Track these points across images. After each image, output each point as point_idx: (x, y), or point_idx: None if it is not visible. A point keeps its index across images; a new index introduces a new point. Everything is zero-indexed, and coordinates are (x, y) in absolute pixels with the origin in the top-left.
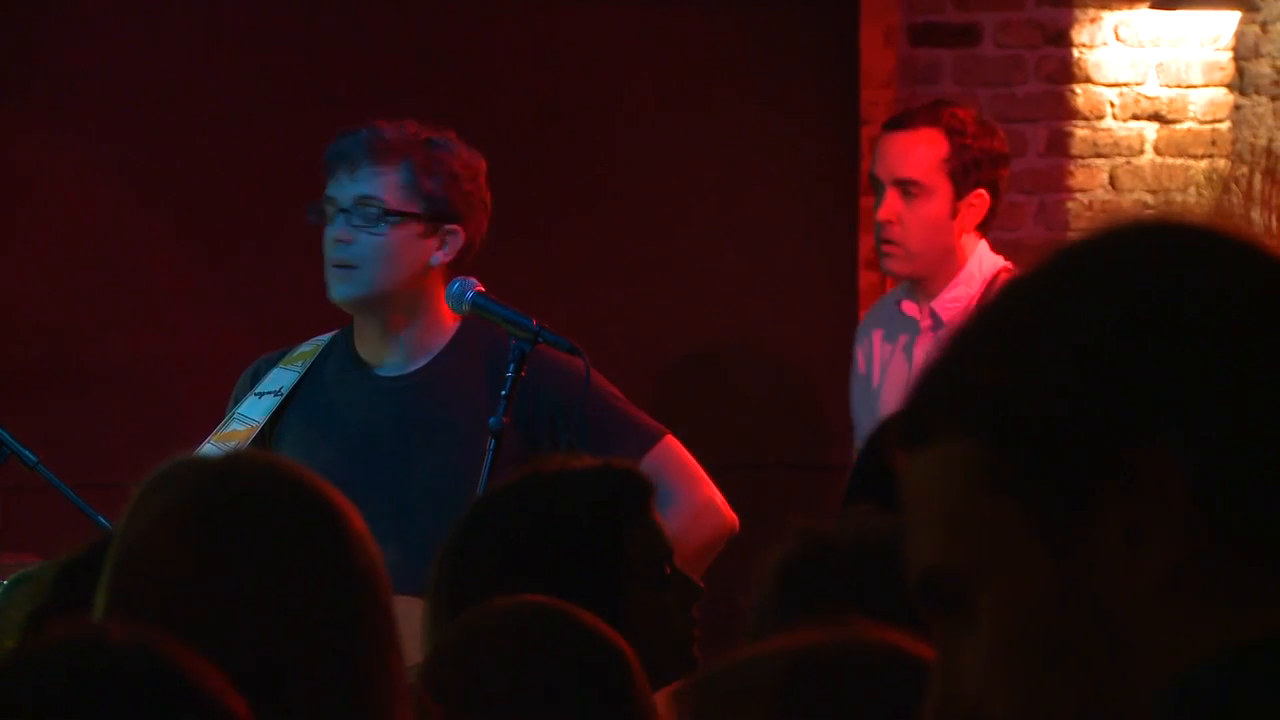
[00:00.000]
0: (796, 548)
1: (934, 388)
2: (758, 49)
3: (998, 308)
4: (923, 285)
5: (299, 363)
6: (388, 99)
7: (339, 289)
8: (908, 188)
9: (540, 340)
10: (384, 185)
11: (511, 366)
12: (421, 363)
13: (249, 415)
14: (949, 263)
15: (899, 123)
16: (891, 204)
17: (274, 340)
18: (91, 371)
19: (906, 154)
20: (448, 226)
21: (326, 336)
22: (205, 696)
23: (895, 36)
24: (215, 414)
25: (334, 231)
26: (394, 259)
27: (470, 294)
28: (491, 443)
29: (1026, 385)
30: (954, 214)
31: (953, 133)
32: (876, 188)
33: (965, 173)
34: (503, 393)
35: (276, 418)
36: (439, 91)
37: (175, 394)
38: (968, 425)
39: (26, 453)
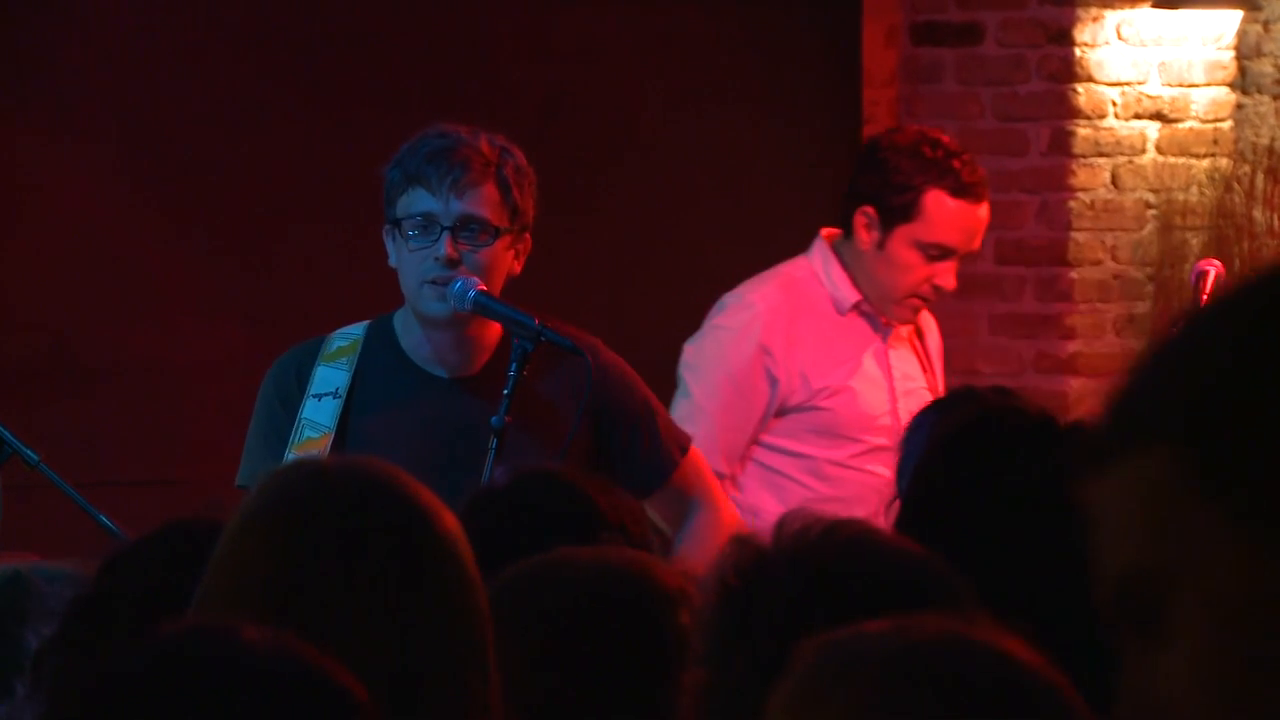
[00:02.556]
0: (731, 566)
1: (1135, 401)
2: (760, 48)
3: (1196, 327)
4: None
5: (343, 360)
6: (389, 98)
7: (439, 306)
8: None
9: (543, 339)
10: (486, 201)
11: (514, 366)
12: (479, 364)
13: (319, 421)
14: None
15: (973, 193)
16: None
17: (273, 340)
18: (92, 371)
19: (981, 228)
20: (525, 235)
21: (358, 329)
22: (346, 694)
23: (897, 35)
24: (215, 414)
25: (439, 250)
26: (493, 275)
27: (472, 292)
28: (493, 440)
29: (1237, 393)
30: None
31: None
32: (927, 251)
33: None
34: (505, 391)
35: (343, 422)
36: (440, 90)
37: (175, 394)
38: (1173, 433)
39: (28, 452)
